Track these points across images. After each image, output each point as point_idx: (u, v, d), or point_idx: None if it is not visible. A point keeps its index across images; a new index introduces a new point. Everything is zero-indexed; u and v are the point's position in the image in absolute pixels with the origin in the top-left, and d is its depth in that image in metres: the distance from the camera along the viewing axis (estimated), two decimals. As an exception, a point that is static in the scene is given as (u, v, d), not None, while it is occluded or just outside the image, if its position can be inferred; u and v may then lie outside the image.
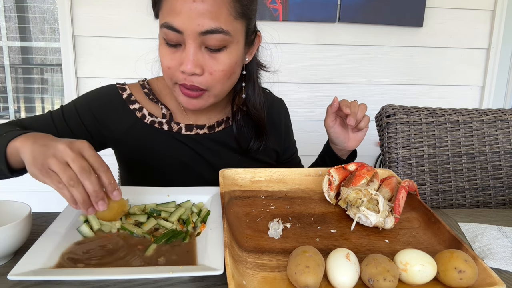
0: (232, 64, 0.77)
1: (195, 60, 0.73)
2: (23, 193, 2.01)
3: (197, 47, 0.73)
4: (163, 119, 0.89)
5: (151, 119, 0.89)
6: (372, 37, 2.07)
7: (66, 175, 0.55)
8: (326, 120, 0.91)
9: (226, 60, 0.76)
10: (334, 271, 0.51)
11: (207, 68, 0.75)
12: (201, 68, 0.74)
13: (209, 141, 0.92)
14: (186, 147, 0.90)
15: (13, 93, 2.16)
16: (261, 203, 0.74)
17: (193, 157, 0.91)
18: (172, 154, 0.90)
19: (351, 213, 0.68)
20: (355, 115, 0.85)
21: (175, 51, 0.75)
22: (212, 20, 0.70)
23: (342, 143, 0.93)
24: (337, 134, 0.91)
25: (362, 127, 0.88)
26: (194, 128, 0.91)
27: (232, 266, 0.51)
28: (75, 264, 0.55)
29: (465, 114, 1.17)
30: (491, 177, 1.15)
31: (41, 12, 2.10)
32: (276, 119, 1.02)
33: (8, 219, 0.62)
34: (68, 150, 0.56)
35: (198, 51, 0.73)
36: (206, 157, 0.91)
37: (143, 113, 0.89)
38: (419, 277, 0.52)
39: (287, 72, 2.06)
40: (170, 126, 0.89)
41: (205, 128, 0.92)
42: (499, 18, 2.09)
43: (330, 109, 0.89)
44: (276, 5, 1.95)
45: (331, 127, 0.91)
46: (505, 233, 0.73)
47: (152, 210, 0.71)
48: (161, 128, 0.89)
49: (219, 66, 0.75)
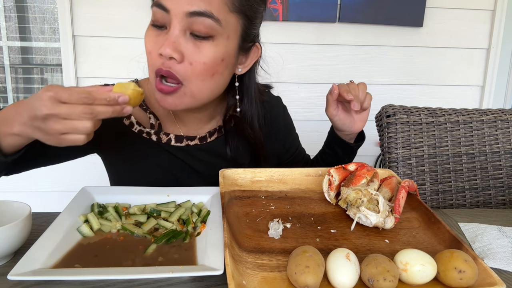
0: (216, 59, 0.71)
1: (175, 43, 0.68)
2: (23, 193, 2.02)
3: (181, 30, 0.68)
4: (151, 130, 0.84)
5: (139, 128, 0.84)
6: (372, 37, 2.07)
7: (77, 111, 0.55)
8: (328, 110, 0.87)
9: (210, 53, 0.70)
10: (334, 271, 0.51)
11: (188, 56, 0.69)
12: (181, 54, 0.69)
13: (200, 152, 0.87)
14: (176, 158, 0.86)
15: (13, 93, 2.16)
16: (261, 203, 0.74)
17: (184, 168, 0.87)
18: (162, 165, 0.86)
19: (351, 213, 0.68)
20: (358, 99, 0.80)
21: (160, 33, 0.70)
22: (203, 2, 0.66)
23: (349, 127, 0.88)
24: (342, 120, 0.87)
25: (366, 107, 0.84)
26: (184, 139, 0.86)
27: (232, 266, 0.51)
28: (75, 264, 0.55)
29: (465, 114, 1.17)
30: (491, 177, 1.15)
31: (41, 12, 2.10)
32: (275, 123, 0.99)
33: (8, 219, 0.62)
34: (53, 94, 0.55)
35: (182, 35, 0.68)
36: (197, 168, 0.88)
37: (131, 121, 0.84)
38: (419, 277, 0.52)
39: (287, 72, 2.06)
40: (158, 137, 0.85)
41: (196, 139, 0.87)
42: (499, 18, 2.09)
43: (330, 98, 0.85)
44: (276, 5, 1.95)
45: (335, 116, 0.87)
46: (505, 233, 0.73)
47: (152, 210, 0.71)
48: (149, 139, 0.84)
49: (201, 57, 0.69)
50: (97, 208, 0.70)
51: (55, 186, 2.09)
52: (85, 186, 0.76)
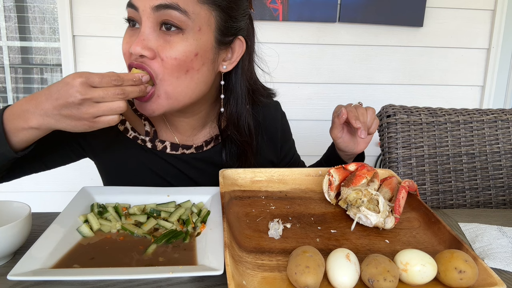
0: (188, 54, 0.68)
1: (145, 40, 0.67)
2: (23, 193, 2.02)
3: (151, 27, 0.67)
4: (146, 137, 0.83)
5: (134, 134, 0.83)
6: (372, 37, 2.07)
7: (110, 92, 0.59)
8: (333, 131, 0.86)
9: (180, 47, 0.68)
10: (334, 271, 0.51)
11: (159, 52, 0.68)
12: (152, 51, 0.67)
13: (195, 160, 0.86)
14: (171, 166, 0.85)
15: (13, 93, 2.16)
16: (261, 203, 0.74)
17: (178, 176, 0.86)
18: (156, 173, 0.85)
19: (351, 213, 0.68)
20: (366, 126, 0.79)
21: (134, 33, 0.70)
22: None
23: (351, 149, 0.88)
24: (346, 143, 0.87)
25: (372, 132, 0.83)
26: (180, 148, 0.85)
27: (232, 266, 0.51)
28: (74, 264, 0.55)
29: (466, 114, 1.17)
30: (492, 177, 1.15)
31: (41, 12, 2.10)
32: (271, 128, 0.96)
33: (8, 219, 0.62)
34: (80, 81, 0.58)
35: (152, 31, 0.68)
36: (191, 176, 0.86)
37: (126, 127, 0.83)
38: (419, 277, 0.52)
39: (287, 72, 2.06)
40: (154, 145, 0.83)
41: (192, 148, 0.86)
42: (499, 18, 2.09)
43: (337, 121, 0.83)
44: (276, 5, 1.95)
45: (339, 138, 0.86)
46: (506, 233, 0.73)
47: (152, 210, 0.71)
48: (144, 145, 0.83)
49: (172, 53, 0.67)
50: (97, 208, 0.70)
51: (55, 186, 2.09)
52: (85, 186, 0.76)
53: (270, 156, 0.97)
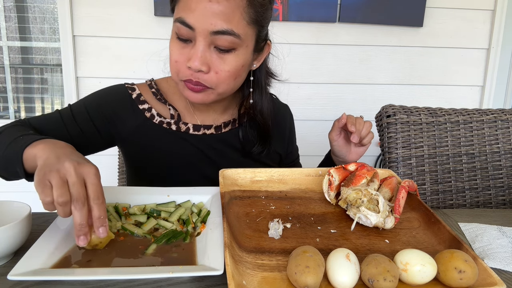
0: (239, 66, 0.79)
1: (202, 57, 0.75)
2: (23, 193, 2.01)
3: (206, 46, 0.75)
4: (171, 120, 0.91)
5: (160, 119, 0.91)
6: (372, 37, 2.07)
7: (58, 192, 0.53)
8: (331, 134, 0.94)
9: (233, 62, 0.77)
10: (334, 271, 0.51)
11: (214, 67, 0.77)
12: (208, 66, 0.76)
13: (215, 141, 0.94)
14: (193, 146, 0.92)
15: (13, 93, 2.16)
16: (261, 203, 0.74)
17: (199, 156, 0.93)
18: (179, 153, 0.92)
19: (351, 213, 0.68)
20: (359, 133, 0.88)
21: (185, 46, 0.77)
22: (224, 21, 0.72)
23: (344, 156, 0.95)
24: (339, 147, 0.95)
25: (365, 143, 0.92)
26: (201, 128, 0.93)
27: (232, 266, 0.51)
28: (74, 264, 0.55)
29: (465, 114, 1.17)
30: (491, 177, 1.15)
31: (41, 12, 2.10)
32: (281, 123, 1.05)
33: (8, 219, 0.62)
34: (72, 171, 0.55)
35: (207, 49, 0.75)
36: (211, 156, 0.93)
37: (152, 113, 0.91)
38: (419, 277, 0.52)
39: (287, 72, 2.06)
40: (178, 126, 0.91)
41: (212, 128, 0.94)
42: (499, 18, 2.09)
43: (337, 124, 0.92)
44: (276, 5, 1.95)
45: (335, 141, 0.94)
46: (505, 233, 0.73)
47: (152, 210, 0.71)
48: (169, 128, 0.91)
49: (226, 67, 0.77)
50: (97, 208, 0.70)
51: (55, 186, 2.08)
52: (85, 186, 0.76)
53: (278, 148, 1.04)
